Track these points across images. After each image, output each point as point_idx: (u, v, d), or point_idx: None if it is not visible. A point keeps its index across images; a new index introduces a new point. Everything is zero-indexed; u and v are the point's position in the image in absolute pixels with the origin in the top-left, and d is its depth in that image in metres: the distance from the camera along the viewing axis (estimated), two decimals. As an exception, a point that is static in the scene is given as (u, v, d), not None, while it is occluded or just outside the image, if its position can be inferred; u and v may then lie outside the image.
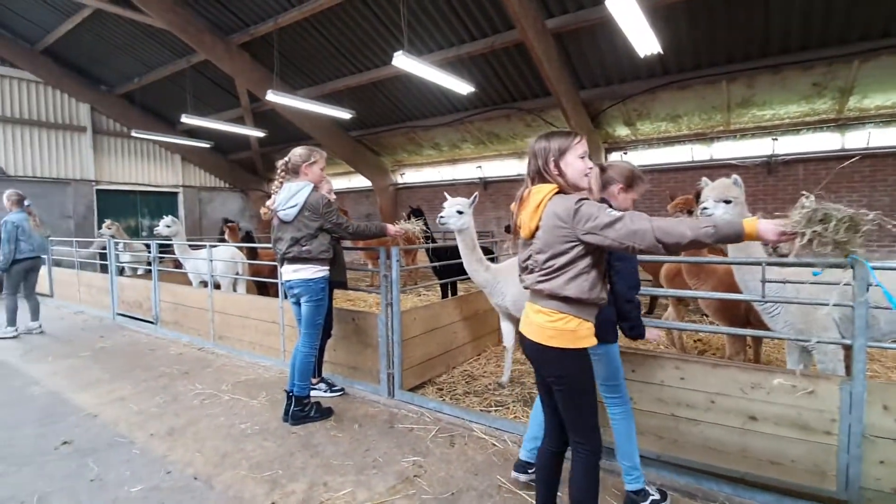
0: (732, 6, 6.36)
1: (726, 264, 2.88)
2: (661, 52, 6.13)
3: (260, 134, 11.92)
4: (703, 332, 5.30)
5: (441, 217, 3.49)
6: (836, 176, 7.65)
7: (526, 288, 1.95)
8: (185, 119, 9.85)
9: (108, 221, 8.36)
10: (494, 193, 11.48)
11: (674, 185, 8.77)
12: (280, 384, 4.23)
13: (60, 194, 11.95)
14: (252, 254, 6.85)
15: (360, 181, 13.92)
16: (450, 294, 6.33)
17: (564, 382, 1.85)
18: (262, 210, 3.50)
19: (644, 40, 5.71)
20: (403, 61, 6.36)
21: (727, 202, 2.75)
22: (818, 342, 2.55)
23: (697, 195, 3.73)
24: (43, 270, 8.98)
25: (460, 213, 3.50)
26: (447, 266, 5.70)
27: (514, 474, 2.58)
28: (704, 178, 3.16)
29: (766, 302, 2.67)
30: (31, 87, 11.49)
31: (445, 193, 3.68)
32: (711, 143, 8.81)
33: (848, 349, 2.49)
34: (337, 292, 8.12)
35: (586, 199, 1.79)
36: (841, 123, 7.71)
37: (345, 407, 3.71)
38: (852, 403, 2.22)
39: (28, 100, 11.45)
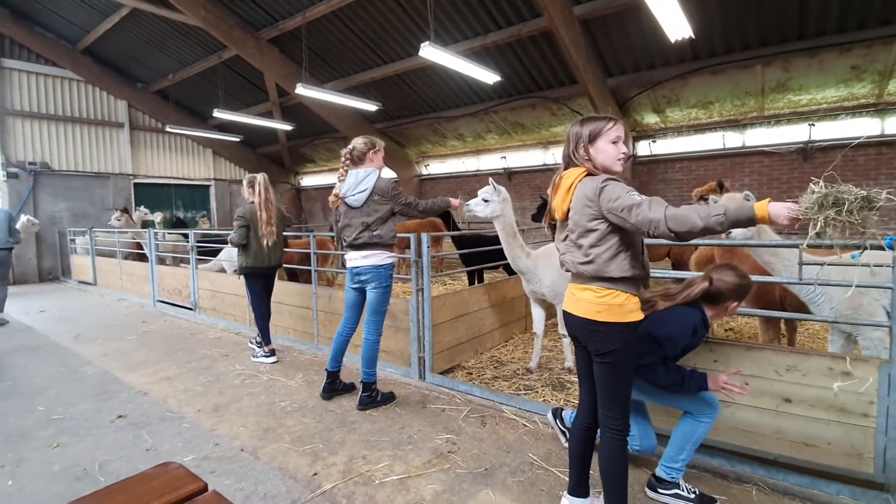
0: (768, -13, 6.18)
1: (761, 247, 2.85)
2: (693, 36, 6.00)
3: (288, 127, 12.16)
4: (739, 316, 5.24)
5: (468, 205, 3.56)
6: (875, 162, 7.37)
7: (568, 271, 2.01)
8: (217, 113, 10.14)
9: (116, 213, 8.73)
10: (519, 184, 11.45)
11: (703, 173, 8.60)
12: (315, 366, 4.40)
13: (101, 188, 12.47)
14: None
15: (385, 173, 14.06)
16: (476, 282, 6.40)
17: (609, 357, 1.90)
18: (330, 198, 3.52)
19: (675, 24, 5.60)
20: (430, 52, 6.41)
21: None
22: (851, 324, 2.53)
23: (720, 184, 3.72)
24: (86, 260, 9.46)
25: (486, 201, 3.55)
26: (474, 254, 5.76)
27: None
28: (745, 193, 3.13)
29: (804, 284, 2.65)
30: (72, 86, 11.98)
31: (491, 180, 3.70)
32: (744, 129, 8.58)
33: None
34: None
35: (614, 179, 1.84)
36: (881, 108, 7.39)
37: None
38: (891, 386, 2.20)
39: (70, 98, 11.95)
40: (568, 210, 1.93)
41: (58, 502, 2.37)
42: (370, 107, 9.72)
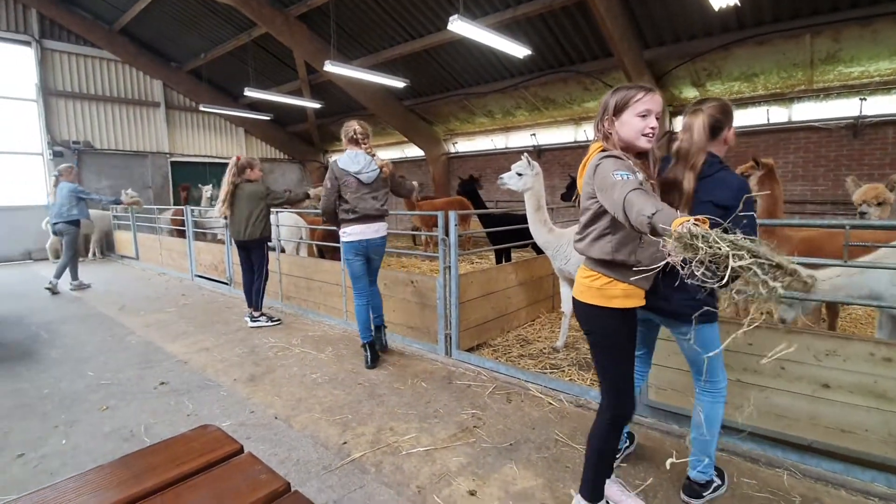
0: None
1: (808, 227, 2.73)
2: (739, 3, 5.65)
3: (316, 105, 12.22)
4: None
5: (501, 178, 3.75)
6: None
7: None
8: (248, 92, 10.27)
9: (129, 191, 9.08)
10: (549, 162, 11.23)
11: (745, 149, 8.19)
12: (344, 341, 4.52)
13: (140, 166, 12.92)
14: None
15: (413, 151, 14.03)
16: (504, 261, 6.38)
17: (591, 336, 1.92)
18: (328, 182, 3.86)
19: (719, -9, 5.28)
20: (459, 26, 6.27)
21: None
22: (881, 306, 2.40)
23: (756, 161, 3.54)
24: (128, 235, 9.88)
25: (520, 175, 3.64)
26: (502, 233, 5.72)
27: None
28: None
29: (848, 266, 2.53)
30: (111, 66, 12.33)
31: (525, 154, 3.83)
32: (791, 103, 8.10)
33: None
34: (390, 258, 8.41)
35: (613, 156, 1.71)
36: (944, 79, 6.84)
37: (404, 363, 3.92)
38: (939, 374, 2.10)
39: (109, 78, 12.31)
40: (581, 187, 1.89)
41: (108, 460, 2.54)
42: (398, 83, 9.64)
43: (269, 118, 13.83)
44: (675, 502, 2.16)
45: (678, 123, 9.17)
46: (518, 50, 7.43)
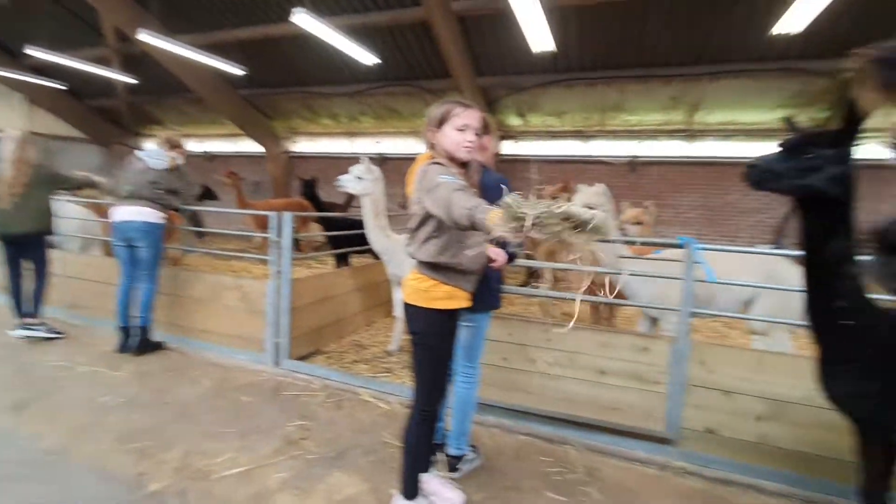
0: (614, 18, 7.08)
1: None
2: (555, 50, 6.62)
3: (130, 80, 10.41)
4: (568, 302, 5.96)
5: (340, 181, 3.70)
6: (684, 178, 9.02)
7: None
8: (31, 51, 8.21)
9: None
10: (392, 171, 11.32)
11: (556, 175, 9.57)
12: (149, 355, 3.90)
13: None
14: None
15: (250, 146, 12.86)
16: (343, 266, 6.27)
17: (414, 338, 2.00)
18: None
19: (540, 37, 6.12)
20: (303, 19, 6.03)
21: (591, 209, 3.16)
22: (641, 306, 3.08)
23: (565, 186, 4.23)
24: None
25: (359, 178, 3.65)
26: (341, 237, 5.62)
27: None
28: (581, 186, 3.57)
29: (620, 274, 3.13)
30: None
31: (364, 158, 3.82)
32: (588, 140, 9.78)
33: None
34: (217, 262, 7.59)
35: (438, 163, 1.85)
36: (690, 133, 9.06)
37: (225, 376, 3.56)
38: (678, 358, 2.73)
39: None
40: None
41: None
42: (233, 70, 8.81)
43: (63, 87, 11.26)
44: (491, 488, 2.38)
45: (506, 147, 10.27)
46: (366, 57, 7.47)
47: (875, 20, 6.18)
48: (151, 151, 4.03)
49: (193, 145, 13.94)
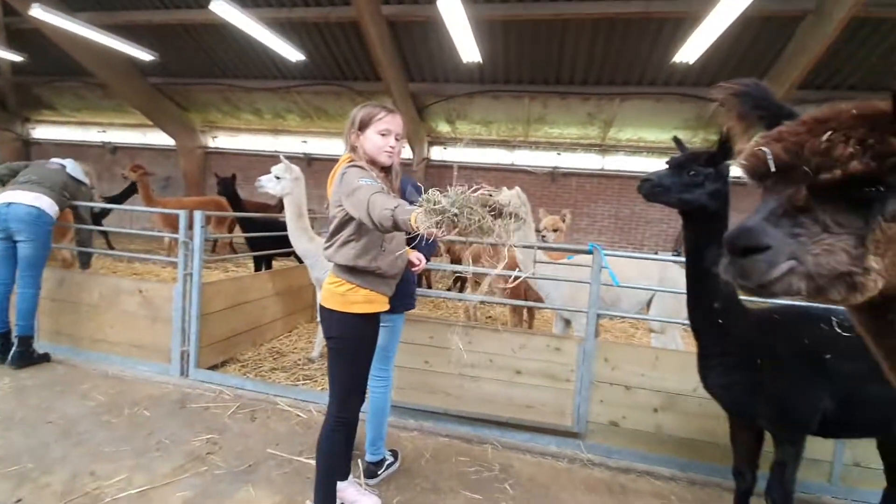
0: (536, 35, 7.45)
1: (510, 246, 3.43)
2: (481, 61, 6.83)
3: (16, 58, 9.20)
4: (497, 305, 6.16)
5: (259, 181, 3.57)
6: (598, 189, 9.67)
7: None
8: None
9: None
10: (319, 171, 11.08)
11: (483, 182, 9.87)
12: (30, 367, 3.46)
13: None
14: None
15: (160, 138, 11.85)
16: (264, 269, 5.99)
17: (331, 343, 1.96)
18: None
19: (467, 47, 6.29)
20: (222, 8, 5.71)
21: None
22: (554, 308, 3.27)
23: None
24: None
25: (278, 178, 3.52)
26: (262, 239, 5.37)
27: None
28: (504, 188, 3.70)
29: (535, 278, 3.30)
30: None
31: (283, 157, 3.64)
32: (514, 150, 10.19)
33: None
34: (122, 263, 6.92)
35: (358, 165, 1.85)
36: (604, 148, 9.75)
37: (123, 389, 3.25)
38: (585, 357, 2.92)
39: None
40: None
41: None
42: (142, 55, 8.12)
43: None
44: (409, 491, 2.38)
45: (436, 153, 10.41)
46: (291, 52, 7.22)
47: (758, 55, 7.07)
48: (74, 164, 3.86)
49: (94, 134, 12.63)
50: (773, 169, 0.78)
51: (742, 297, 1.81)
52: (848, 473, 2.64)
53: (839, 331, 1.68)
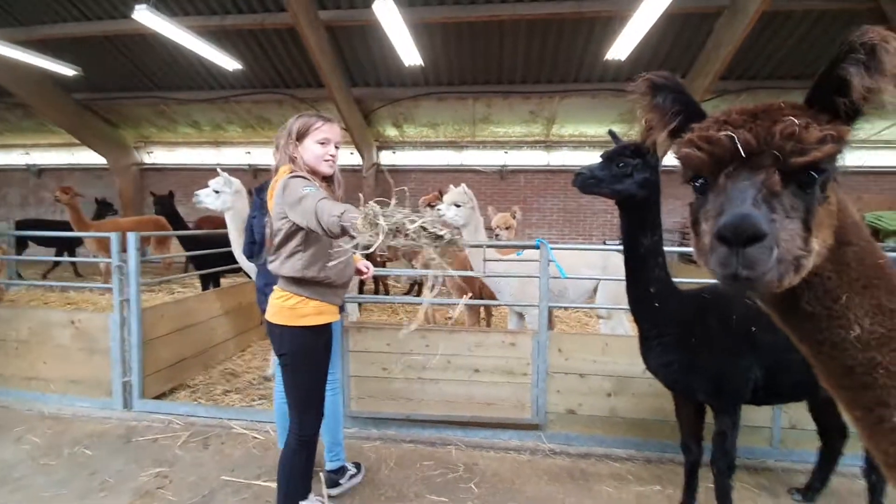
0: (475, 37, 7.56)
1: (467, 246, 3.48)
2: (423, 64, 6.85)
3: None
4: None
5: (197, 196, 3.46)
6: (546, 184, 9.93)
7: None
8: None
9: None
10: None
11: (434, 184, 9.88)
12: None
13: None
14: None
15: (90, 157, 11.10)
16: (212, 288, 5.74)
17: (283, 359, 1.91)
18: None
19: (408, 51, 6.29)
20: (147, 17, 5.44)
21: (457, 206, 3.35)
22: (506, 304, 3.33)
23: (441, 194, 4.41)
24: None
25: (217, 192, 3.41)
26: (207, 256, 5.15)
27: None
28: (451, 186, 3.75)
29: (487, 277, 3.35)
30: None
31: (222, 171, 3.48)
32: (462, 150, 10.31)
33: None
34: (50, 294, 6.44)
35: (300, 175, 1.80)
36: (548, 145, 10.03)
37: (61, 429, 3.03)
38: (539, 349, 2.98)
39: None
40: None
41: None
42: (63, 70, 7.60)
43: None
44: (374, 501, 2.36)
45: (385, 157, 10.36)
46: (227, 62, 6.97)
47: (682, 50, 7.50)
48: None
49: (16, 157, 11.71)
50: (743, 154, 0.74)
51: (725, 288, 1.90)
52: (787, 436, 2.83)
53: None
